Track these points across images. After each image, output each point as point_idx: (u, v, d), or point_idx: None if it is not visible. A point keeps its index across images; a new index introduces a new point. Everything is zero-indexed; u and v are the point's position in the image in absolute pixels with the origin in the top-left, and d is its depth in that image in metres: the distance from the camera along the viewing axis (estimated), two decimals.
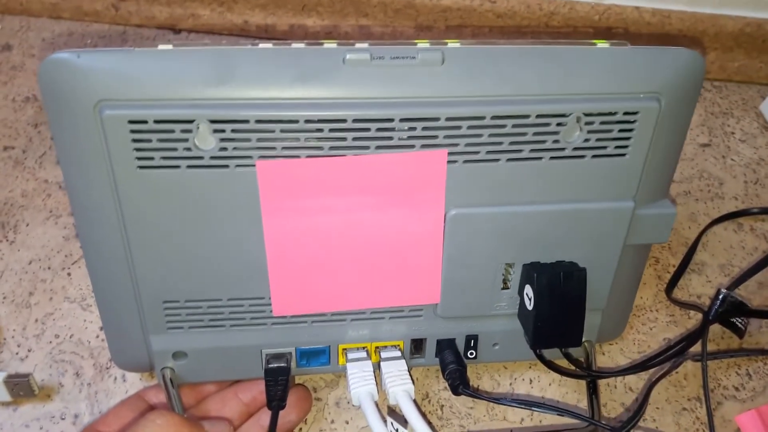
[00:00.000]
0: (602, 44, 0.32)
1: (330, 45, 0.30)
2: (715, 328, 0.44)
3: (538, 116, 0.31)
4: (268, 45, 0.30)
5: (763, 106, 0.60)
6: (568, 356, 0.37)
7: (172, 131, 0.29)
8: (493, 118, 0.31)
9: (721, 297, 0.41)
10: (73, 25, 0.64)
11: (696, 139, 0.58)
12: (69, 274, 0.45)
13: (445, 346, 0.38)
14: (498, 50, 0.31)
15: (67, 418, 0.38)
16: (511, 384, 0.41)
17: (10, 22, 0.65)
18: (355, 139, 0.30)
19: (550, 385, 0.41)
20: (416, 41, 0.31)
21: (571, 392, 0.40)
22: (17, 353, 0.41)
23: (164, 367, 0.36)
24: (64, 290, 0.44)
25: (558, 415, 0.36)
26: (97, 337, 0.42)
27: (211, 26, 0.61)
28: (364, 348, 0.38)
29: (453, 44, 0.31)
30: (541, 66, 0.31)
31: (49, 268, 0.45)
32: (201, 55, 0.29)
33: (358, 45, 0.30)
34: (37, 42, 0.63)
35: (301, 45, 0.30)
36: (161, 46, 0.30)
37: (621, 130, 0.32)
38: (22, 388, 0.38)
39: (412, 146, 0.31)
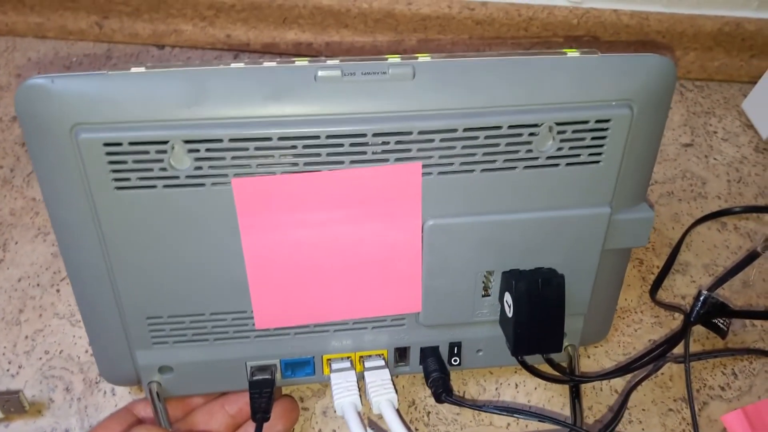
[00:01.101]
0: (572, 53, 0.32)
1: (301, 62, 0.31)
2: (700, 329, 0.44)
3: (509, 127, 0.31)
4: (240, 64, 0.31)
5: (745, 104, 0.60)
6: (550, 362, 0.38)
7: (147, 152, 0.30)
8: (466, 130, 0.31)
9: (702, 299, 0.41)
10: (58, 44, 0.65)
11: (678, 139, 0.59)
12: (58, 291, 0.45)
13: (428, 353, 0.39)
14: (468, 63, 0.31)
15: None
16: (496, 389, 0.41)
17: None
18: (329, 154, 0.31)
19: (535, 389, 0.41)
20: (387, 56, 0.31)
21: (557, 396, 0.41)
22: (8, 370, 0.41)
23: (151, 381, 0.36)
24: (53, 306, 0.45)
25: (540, 422, 0.37)
26: (87, 352, 0.42)
27: (194, 41, 0.62)
28: (348, 358, 0.38)
29: (423, 58, 0.31)
30: (512, 77, 0.31)
31: (38, 285, 0.46)
32: (173, 76, 0.30)
33: (329, 62, 0.31)
34: (22, 61, 0.63)
35: (272, 63, 0.31)
36: (134, 69, 0.30)
37: (594, 138, 0.32)
38: (12, 404, 0.38)
39: (387, 160, 0.31)
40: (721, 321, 0.42)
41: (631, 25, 0.58)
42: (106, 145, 0.29)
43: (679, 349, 0.41)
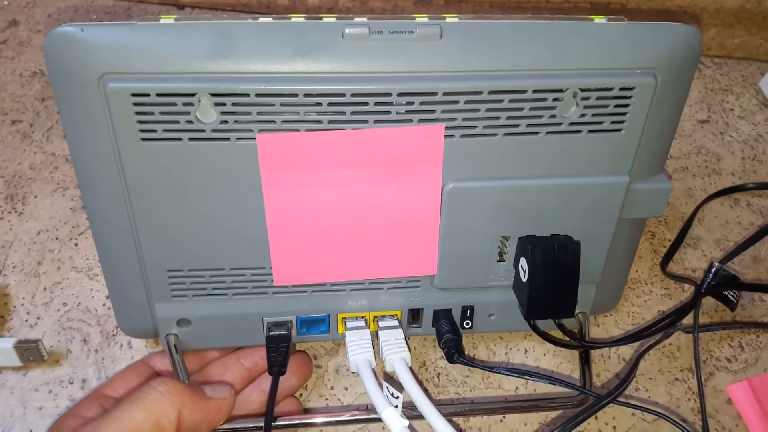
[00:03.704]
0: (599, 19, 0.32)
1: (329, 19, 0.31)
2: (709, 302, 0.45)
3: (534, 91, 0.31)
4: (269, 19, 0.31)
5: (763, 82, 0.60)
6: (561, 327, 0.38)
7: (174, 104, 0.30)
8: (491, 92, 0.31)
9: (713, 270, 0.42)
10: (79, 0, 0.65)
11: (695, 115, 0.59)
12: (76, 245, 0.46)
13: (441, 316, 0.39)
14: (496, 25, 0.31)
15: (75, 383, 0.39)
16: (506, 354, 0.42)
17: None
18: (353, 113, 0.31)
19: (544, 355, 0.42)
20: (415, 15, 0.31)
21: (566, 362, 0.41)
22: (27, 320, 0.42)
23: (168, 334, 0.37)
24: (71, 260, 0.45)
25: (550, 384, 0.37)
26: (104, 305, 0.43)
27: (214, 2, 0.61)
28: (362, 317, 0.39)
29: (451, 19, 0.31)
30: (539, 41, 0.31)
31: (56, 238, 0.46)
32: (202, 28, 0.30)
33: (357, 19, 0.31)
34: (43, 18, 0.63)
35: (300, 19, 0.31)
36: (163, 20, 0.30)
37: (617, 106, 0.32)
38: (31, 353, 0.39)
39: (410, 120, 0.31)
40: (731, 293, 0.43)
41: None
42: (134, 95, 0.29)
43: (688, 320, 0.42)
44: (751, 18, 0.60)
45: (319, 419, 0.36)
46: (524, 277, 0.36)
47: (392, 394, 0.33)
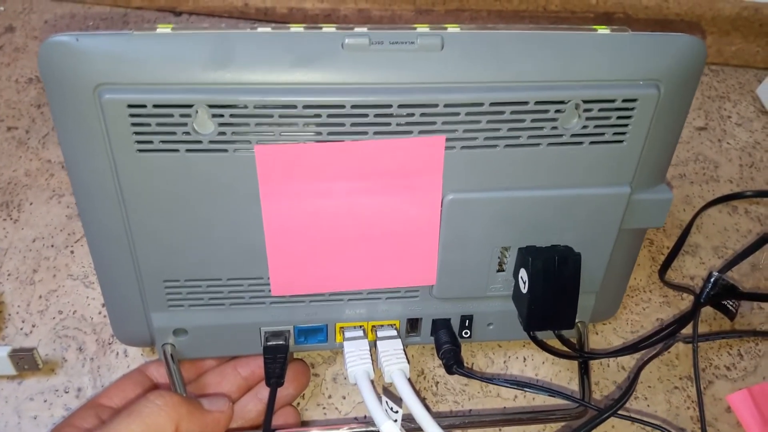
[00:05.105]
0: (603, 30, 0.32)
1: (329, 29, 0.30)
2: (708, 310, 0.45)
3: (536, 103, 0.31)
4: (267, 29, 0.30)
5: (760, 90, 0.60)
6: (561, 338, 0.38)
7: (171, 115, 0.29)
8: (492, 104, 0.31)
9: (712, 280, 0.42)
10: (75, 7, 0.64)
11: (692, 122, 0.59)
12: (72, 252, 0.46)
13: (440, 325, 0.39)
14: (498, 35, 0.31)
15: (71, 392, 0.39)
16: (505, 362, 0.42)
17: (13, 3, 0.65)
18: (353, 125, 0.30)
19: (543, 363, 0.42)
20: (415, 25, 0.31)
21: (564, 370, 0.41)
22: (22, 328, 0.42)
23: (165, 343, 0.37)
24: (67, 268, 0.45)
25: (549, 395, 0.37)
26: (100, 313, 0.42)
27: (212, 9, 0.61)
28: (360, 327, 0.39)
29: (452, 29, 0.31)
30: (541, 52, 0.31)
31: (52, 246, 0.46)
32: (200, 38, 0.29)
33: (357, 29, 0.30)
34: (39, 24, 0.63)
35: (299, 29, 0.30)
36: (160, 30, 0.30)
37: (619, 117, 0.32)
38: (26, 361, 0.38)
39: (410, 132, 0.31)
40: (731, 303, 0.43)
41: (650, 6, 0.58)
42: (130, 106, 0.29)
43: (687, 329, 0.42)
44: (748, 25, 0.60)
45: None
46: (524, 289, 0.36)
47: (391, 408, 0.33)
